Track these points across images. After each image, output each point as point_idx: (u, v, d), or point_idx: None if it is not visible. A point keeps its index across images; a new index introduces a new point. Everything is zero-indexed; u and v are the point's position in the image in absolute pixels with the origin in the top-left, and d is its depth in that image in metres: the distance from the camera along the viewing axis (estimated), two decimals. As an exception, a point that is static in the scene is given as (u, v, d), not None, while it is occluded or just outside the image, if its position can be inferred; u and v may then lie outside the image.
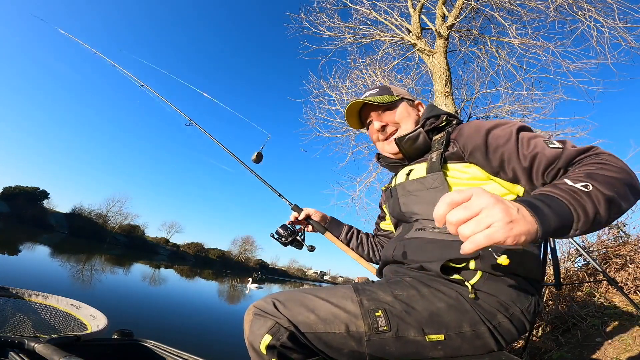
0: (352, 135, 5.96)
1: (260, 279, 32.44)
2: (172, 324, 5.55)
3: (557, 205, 0.51)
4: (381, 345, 0.65)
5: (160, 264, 24.71)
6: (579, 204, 0.52)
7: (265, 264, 57.18)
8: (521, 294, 0.74)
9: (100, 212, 37.45)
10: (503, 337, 0.72)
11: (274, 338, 0.62)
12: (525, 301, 0.74)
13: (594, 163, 0.62)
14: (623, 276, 2.50)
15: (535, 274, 0.78)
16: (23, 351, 0.95)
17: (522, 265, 0.75)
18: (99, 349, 1.24)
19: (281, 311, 0.65)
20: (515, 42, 4.66)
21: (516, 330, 0.73)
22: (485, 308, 0.71)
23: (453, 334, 0.69)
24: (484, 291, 0.73)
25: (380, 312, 0.66)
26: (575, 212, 0.51)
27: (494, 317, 0.71)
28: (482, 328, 0.70)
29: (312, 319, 0.65)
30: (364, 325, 0.65)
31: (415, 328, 0.67)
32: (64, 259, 13.13)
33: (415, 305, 0.69)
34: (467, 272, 0.75)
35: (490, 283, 0.73)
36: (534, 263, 0.78)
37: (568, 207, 0.51)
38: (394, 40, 5.48)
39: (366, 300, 0.68)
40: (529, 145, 0.74)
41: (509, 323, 0.72)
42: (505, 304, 0.72)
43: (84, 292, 6.76)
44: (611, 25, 4.08)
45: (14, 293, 1.54)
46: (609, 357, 1.89)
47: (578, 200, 0.52)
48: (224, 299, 12.60)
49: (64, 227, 32.67)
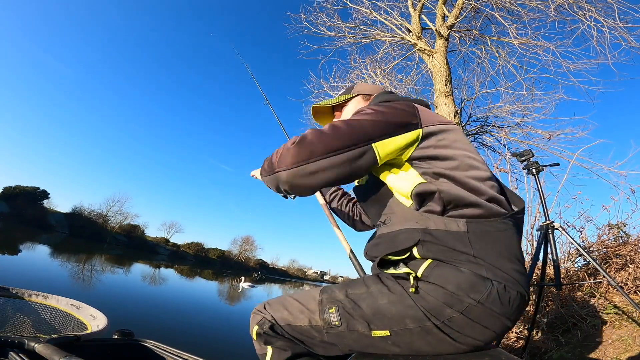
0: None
1: (260, 278, 32.54)
2: (172, 324, 5.55)
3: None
4: (339, 337, 0.75)
5: (160, 264, 24.72)
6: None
7: (266, 264, 57.18)
8: (475, 282, 0.65)
9: (100, 212, 37.42)
10: (463, 333, 0.66)
11: (260, 328, 0.82)
12: (481, 290, 0.64)
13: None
14: (623, 276, 2.50)
15: (492, 253, 0.68)
16: (23, 351, 0.95)
17: (472, 245, 0.68)
18: (99, 349, 1.24)
19: (267, 309, 0.85)
20: (516, 42, 4.66)
21: (484, 327, 0.66)
22: (430, 302, 0.67)
23: (398, 330, 0.69)
24: (430, 282, 0.68)
25: (333, 308, 0.76)
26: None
27: (441, 312, 0.66)
28: (427, 324, 0.67)
29: (285, 315, 0.82)
30: (320, 320, 0.77)
31: (362, 324, 0.72)
32: (64, 259, 13.13)
33: (361, 303, 0.74)
34: (415, 262, 0.72)
35: (438, 271, 0.68)
36: (488, 241, 0.69)
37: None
38: (394, 40, 5.48)
39: (325, 298, 0.79)
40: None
41: (463, 318, 0.65)
42: (454, 295, 0.65)
43: (84, 292, 6.76)
44: (611, 25, 4.08)
45: (14, 293, 1.54)
46: (609, 357, 1.89)
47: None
48: (224, 299, 12.61)
49: (64, 227, 32.64)
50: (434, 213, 0.73)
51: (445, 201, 0.73)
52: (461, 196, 0.72)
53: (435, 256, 0.70)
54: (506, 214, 0.74)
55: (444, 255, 0.69)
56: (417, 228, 0.73)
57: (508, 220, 0.74)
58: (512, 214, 0.75)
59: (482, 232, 0.70)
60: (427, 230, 0.72)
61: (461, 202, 0.73)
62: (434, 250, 0.70)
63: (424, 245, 0.71)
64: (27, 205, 29.27)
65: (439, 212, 0.73)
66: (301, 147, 0.72)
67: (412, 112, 0.80)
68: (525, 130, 5.13)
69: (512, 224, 0.74)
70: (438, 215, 0.73)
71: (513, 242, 0.73)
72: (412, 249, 0.72)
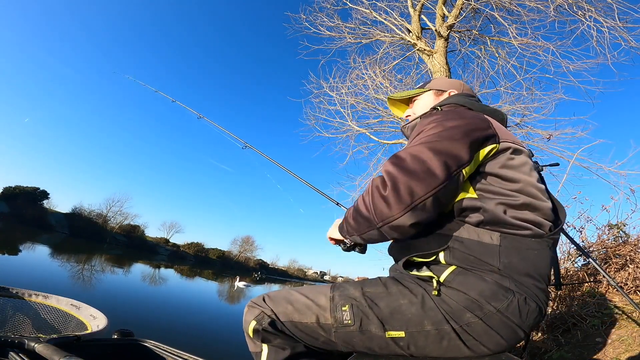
0: (352, 136, 5.97)
1: (260, 279, 32.55)
2: (172, 324, 5.55)
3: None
4: (347, 337, 0.71)
5: (160, 264, 24.71)
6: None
7: (266, 264, 57.15)
8: (497, 291, 0.66)
9: (100, 212, 37.41)
10: (478, 340, 0.66)
11: (258, 323, 0.75)
12: (502, 299, 0.66)
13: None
14: (623, 276, 2.50)
15: (519, 269, 0.68)
16: (23, 351, 0.95)
17: (500, 259, 0.68)
18: (99, 349, 1.24)
19: (267, 303, 0.78)
20: (515, 42, 4.66)
21: (499, 336, 0.66)
22: (451, 305, 0.67)
23: (414, 331, 0.68)
24: (452, 287, 0.69)
25: (346, 307, 0.72)
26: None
27: (461, 317, 0.66)
28: (445, 327, 0.67)
29: (289, 310, 0.75)
30: (330, 318, 0.72)
31: (376, 324, 0.69)
32: (64, 259, 13.13)
33: (378, 302, 0.71)
34: (438, 267, 0.73)
35: (461, 278, 0.69)
36: (518, 258, 0.69)
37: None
38: (394, 40, 5.49)
39: (337, 295, 0.74)
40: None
41: (482, 324, 0.66)
42: (475, 301, 0.66)
43: (84, 292, 6.76)
44: (611, 25, 4.08)
45: (14, 293, 1.54)
46: (609, 357, 1.89)
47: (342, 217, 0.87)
48: (224, 299, 12.60)
49: (64, 227, 32.64)
50: (470, 223, 0.73)
51: (485, 219, 0.72)
52: (503, 220, 0.71)
53: (460, 264, 0.71)
54: (543, 235, 0.72)
55: (470, 264, 0.70)
56: (449, 234, 0.73)
57: (544, 241, 0.72)
58: (549, 235, 0.73)
59: (514, 247, 0.69)
60: (459, 238, 0.72)
61: (501, 223, 0.71)
62: (460, 258, 0.71)
63: (451, 252, 0.72)
64: (27, 205, 29.27)
65: (475, 223, 0.72)
66: (397, 191, 0.67)
67: (488, 125, 0.77)
68: (525, 131, 5.13)
69: (546, 245, 0.72)
70: (473, 226, 0.73)
71: (543, 262, 0.71)
72: (439, 254, 0.73)
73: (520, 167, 0.76)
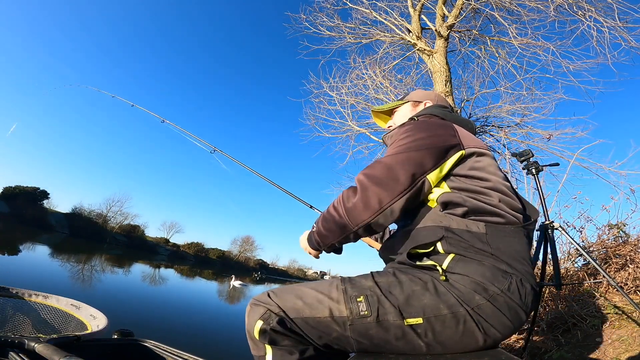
0: (352, 136, 5.97)
1: (260, 278, 32.55)
2: (172, 324, 5.55)
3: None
4: (364, 329, 0.69)
5: (160, 264, 24.71)
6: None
7: (266, 264, 57.10)
8: (497, 273, 0.71)
9: (100, 212, 37.30)
10: (490, 324, 0.69)
11: (265, 323, 0.69)
12: (502, 281, 0.70)
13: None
14: (623, 276, 2.50)
15: (508, 254, 0.74)
16: (23, 351, 0.95)
17: (490, 245, 0.74)
18: (99, 349, 1.24)
19: (273, 299, 0.73)
20: (515, 42, 4.66)
21: (506, 317, 0.70)
22: (461, 289, 0.70)
23: (432, 317, 0.68)
24: (456, 273, 0.72)
25: (361, 297, 0.70)
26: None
27: (472, 299, 0.69)
28: (460, 310, 0.68)
29: (299, 305, 0.71)
30: (346, 310, 0.69)
31: (393, 312, 0.69)
32: (64, 259, 13.13)
33: (393, 290, 0.72)
34: (438, 256, 0.76)
35: (462, 264, 0.73)
36: (504, 243, 0.75)
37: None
38: (394, 40, 5.49)
39: (350, 287, 0.73)
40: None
41: (490, 306, 0.69)
42: (481, 283, 0.70)
43: (84, 292, 6.76)
44: (611, 25, 4.08)
45: (14, 293, 1.54)
46: (609, 357, 1.89)
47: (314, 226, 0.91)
48: (224, 298, 12.60)
49: (64, 227, 32.59)
50: (457, 215, 0.79)
51: (469, 210, 0.78)
52: (484, 208, 0.78)
53: (458, 251, 0.75)
54: (519, 225, 0.81)
55: (466, 251, 0.74)
56: (440, 226, 0.79)
57: (520, 229, 0.80)
58: (524, 225, 0.82)
59: (498, 234, 0.76)
60: (449, 228, 0.78)
61: (483, 212, 0.78)
62: (457, 246, 0.75)
63: (447, 241, 0.76)
64: (27, 205, 29.25)
65: (461, 215, 0.79)
66: (367, 199, 0.77)
67: (453, 134, 0.86)
68: (525, 130, 5.13)
69: (522, 233, 0.81)
70: (460, 217, 0.79)
71: (524, 247, 0.79)
72: (437, 244, 0.77)
73: (487, 168, 0.85)
